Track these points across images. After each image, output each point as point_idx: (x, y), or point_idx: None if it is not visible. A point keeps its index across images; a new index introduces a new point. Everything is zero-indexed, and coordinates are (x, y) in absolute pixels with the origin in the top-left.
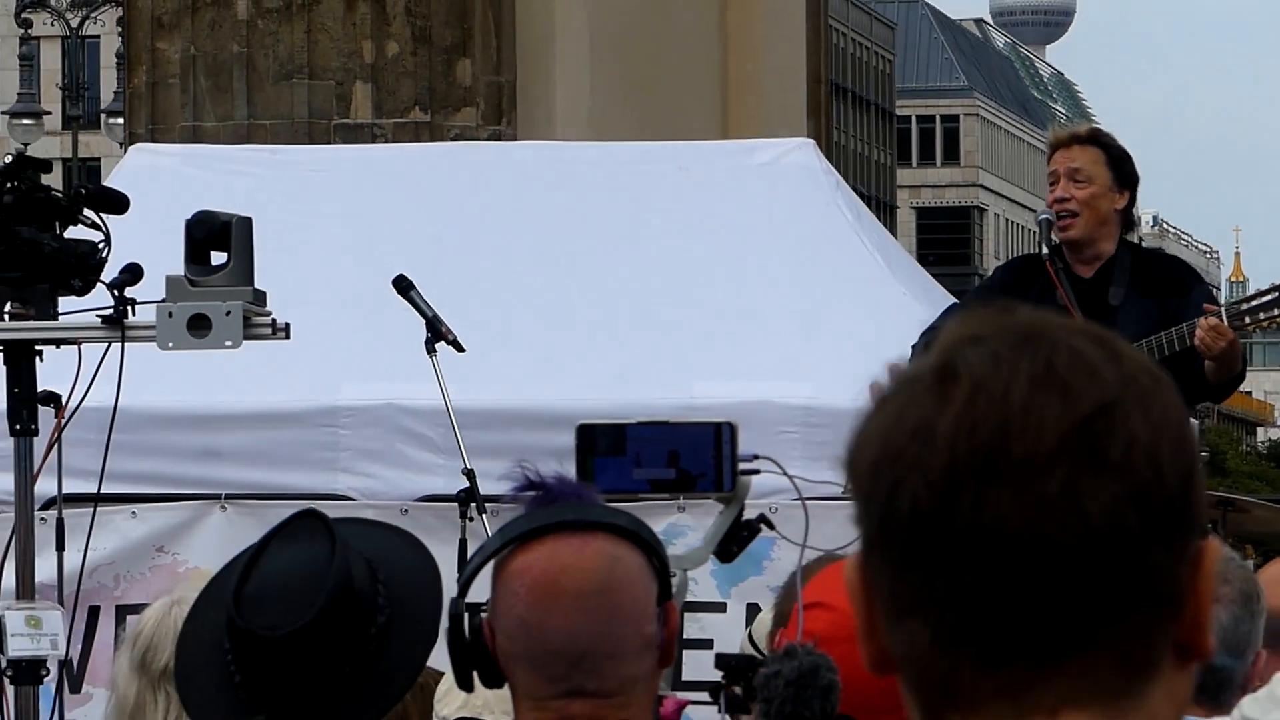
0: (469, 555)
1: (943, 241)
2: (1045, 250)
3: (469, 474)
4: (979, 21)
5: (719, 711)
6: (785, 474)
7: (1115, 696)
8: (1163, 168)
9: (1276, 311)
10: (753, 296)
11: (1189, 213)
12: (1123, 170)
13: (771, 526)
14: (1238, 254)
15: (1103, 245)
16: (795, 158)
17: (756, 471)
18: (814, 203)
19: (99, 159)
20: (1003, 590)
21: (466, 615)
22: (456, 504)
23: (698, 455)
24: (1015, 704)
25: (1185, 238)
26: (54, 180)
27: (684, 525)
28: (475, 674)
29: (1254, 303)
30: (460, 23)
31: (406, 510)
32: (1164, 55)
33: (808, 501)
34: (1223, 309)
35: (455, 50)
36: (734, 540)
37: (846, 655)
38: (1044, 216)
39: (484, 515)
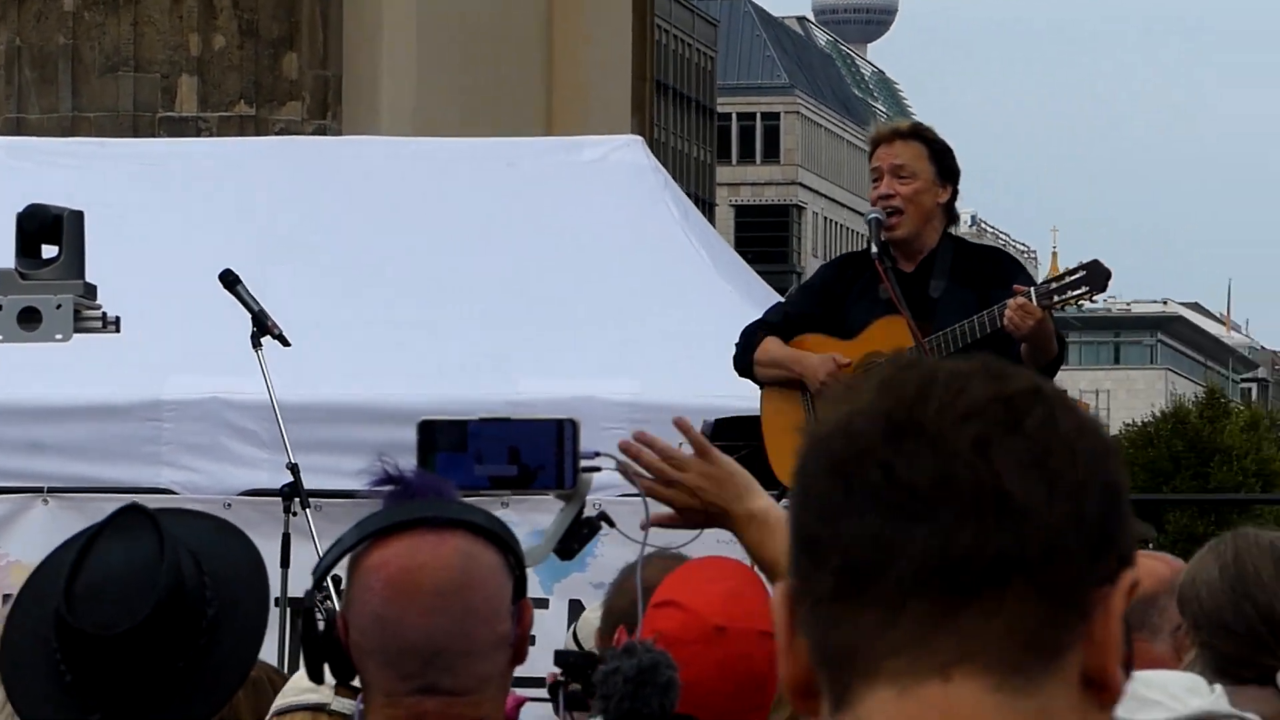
0: (327, 548)
1: (762, 239)
2: (874, 249)
3: (293, 468)
4: (801, 19)
5: (556, 710)
6: (626, 473)
7: (1011, 669)
8: (981, 168)
9: (1084, 288)
10: (579, 293)
11: (1007, 213)
12: (945, 164)
13: (612, 524)
14: (1055, 254)
15: (926, 239)
16: (623, 155)
17: (598, 469)
18: (642, 200)
19: None
20: (907, 531)
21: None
22: (280, 498)
23: (539, 452)
24: (909, 659)
25: (1003, 237)
26: None
27: (508, 521)
28: (326, 667)
29: (1063, 281)
30: (288, 16)
31: (229, 504)
32: (984, 56)
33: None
34: (1032, 289)
35: (282, 44)
36: (574, 538)
37: (696, 656)
38: (874, 216)
39: (307, 510)
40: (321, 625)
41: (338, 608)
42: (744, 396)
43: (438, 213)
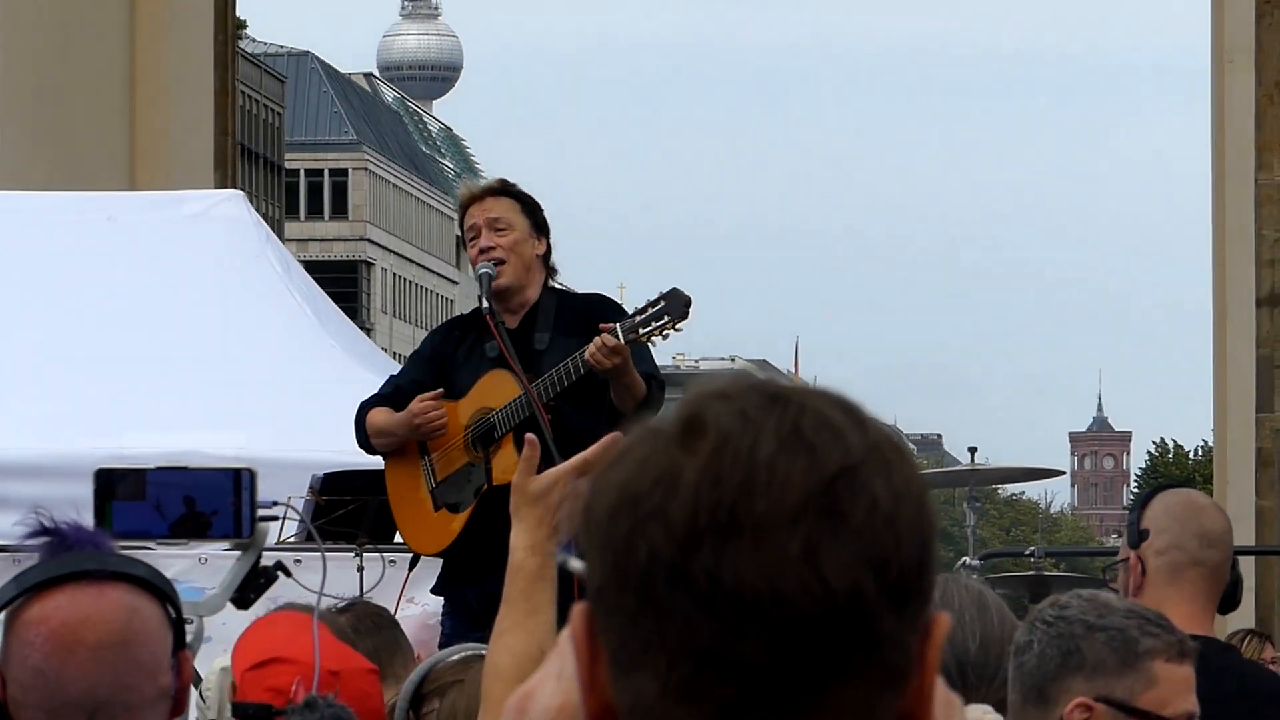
0: None
1: (331, 295)
2: (486, 304)
3: None
4: (368, 75)
5: None
6: (305, 522)
7: None
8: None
9: (667, 318)
10: (183, 346)
11: (574, 269)
12: (537, 217)
13: (288, 574)
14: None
15: (528, 292)
16: (225, 209)
17: (275, 518)
18: (244, 254)
19: None
20: (736, 645)
21: None
22: None
23: (216, 500)
24: None
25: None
26: None
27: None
28: None
29: (645, 313)
30: None
31: None
32: (546, 111)
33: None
34: (618, 326)
35: None
36: (251, 587)
37: None
38: (483, 271)
39: None
40: None
41: None
42: (349, 451)
43: (39, 267)
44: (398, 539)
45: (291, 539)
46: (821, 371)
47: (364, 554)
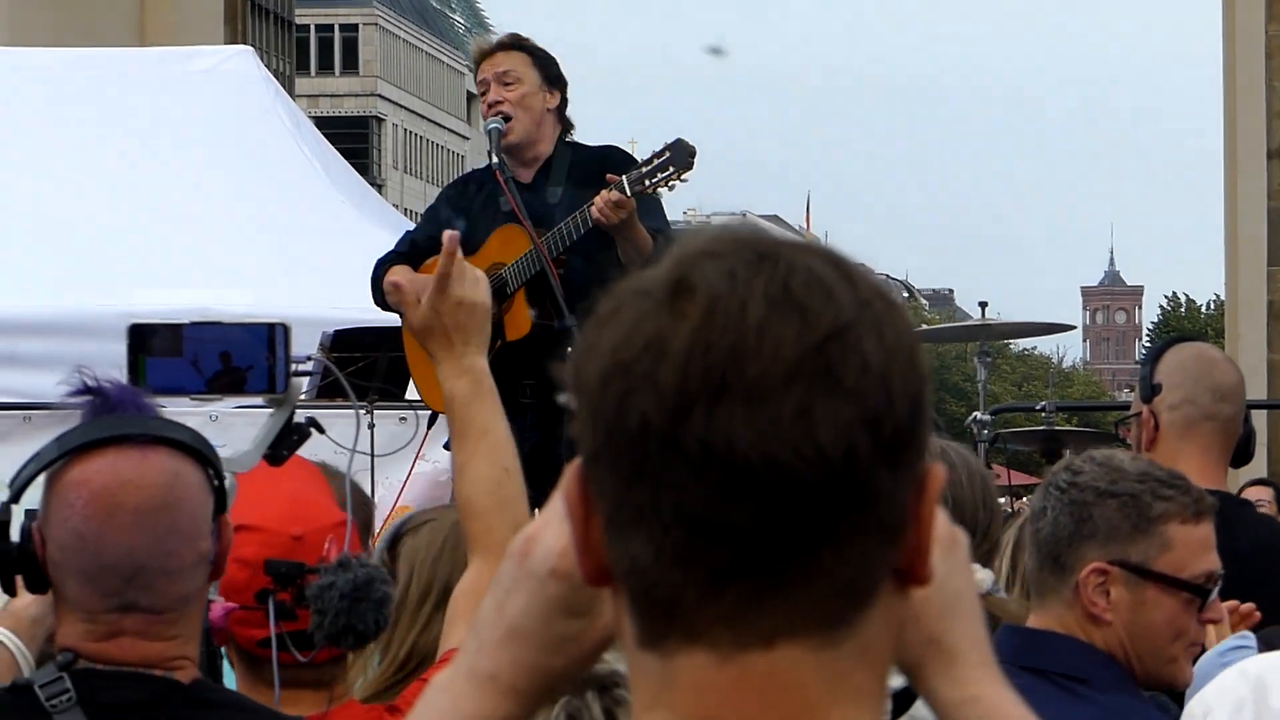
0: (23, 462)
1: (342, 151)
2: (495, 159)
3: None
4: None
5: (265, 618)
6: (340, 376)
7: (832, 625)
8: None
9: (672, 169)
10: (191, 203)
11: (586, 125)
12: (549, 71)
13: (321, 430)
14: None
15: (540, 147)
16: (234, 65)
17: (309, 373)
18: (254, 110)
19: None
20: (729, 510)
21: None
22: None
23: (251, 355)
24: (733, 631)
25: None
26: None
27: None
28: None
29: (650, 165)
30: None
31: None
32: None
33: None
34: (624, 179)
35: None
36: (284, 443)
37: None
38: (492, 125)
39: None
40: (16, 537)
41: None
42: (360, 309)
43: (45, 124)
44: (410, 395)
45: (303, 396)
46: (834, 227)
47: (375, 411)
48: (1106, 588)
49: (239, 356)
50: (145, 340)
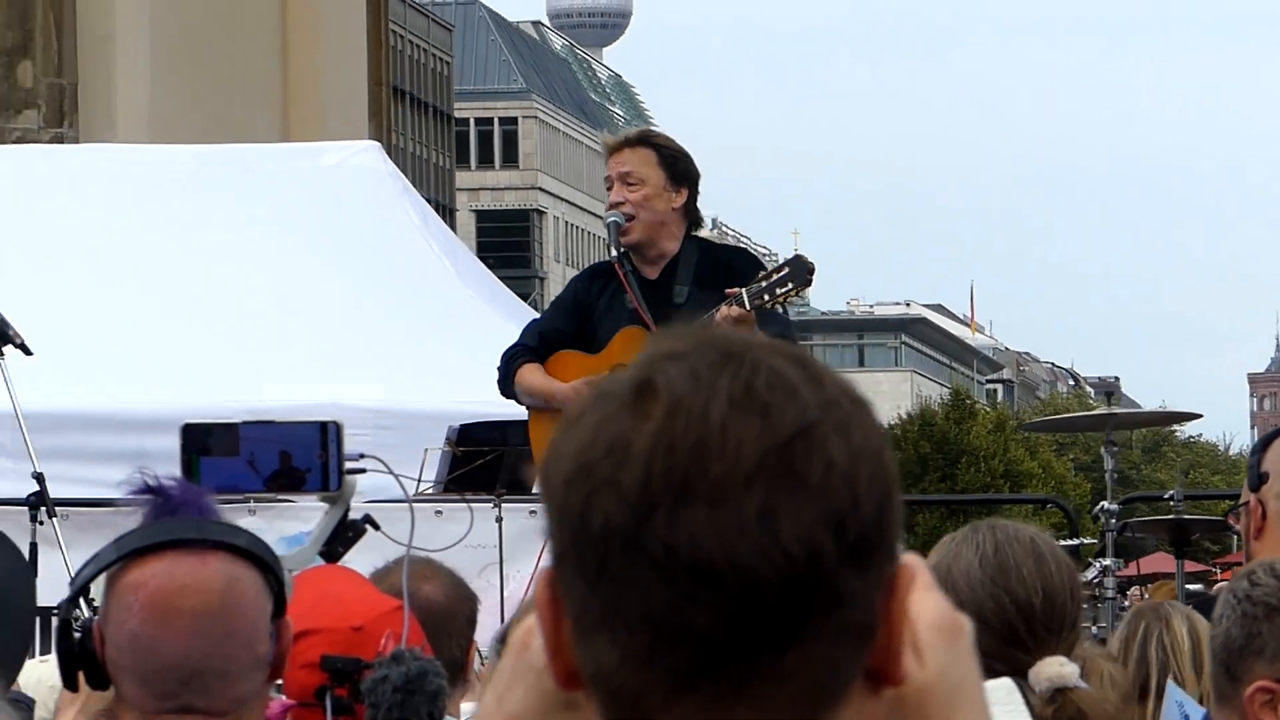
0: (84, 561)
1: (503, 244)
2: (615, 254)
3: (38, 477)
4: (536, 24)
5: (322, 715)
6: (392, 473)
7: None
8: (721, 170)
9: (790, 285)
10: (321, 299)
11: (748, 216)
12: (676, 168)
13: (377, 527)
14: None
15: (665, 245)
16: (361, 160)
17: (363, 470)
18: (381, 206)
19: None
20: (693, 612)
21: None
22: (26, 507)
23: (306, 454)
24: None
25: (745, 240)
26: None
27: (255, 529)
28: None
29: (770, 280)
30: (21, 25)
31: None
32: (720, 58)
33: (402, 504)
34: (744, 292)
35: (16, 53)
36: (340, 540)
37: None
38: (612, 219)
39: (54, 519)
40: (77, 636)
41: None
42: (488, 402)
43: (180, 219)
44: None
45: (429, 489)
46: (997, 316)
47: (502, 504)
48: (1274, 705)
49: (298, 456)
50: (201, 440)
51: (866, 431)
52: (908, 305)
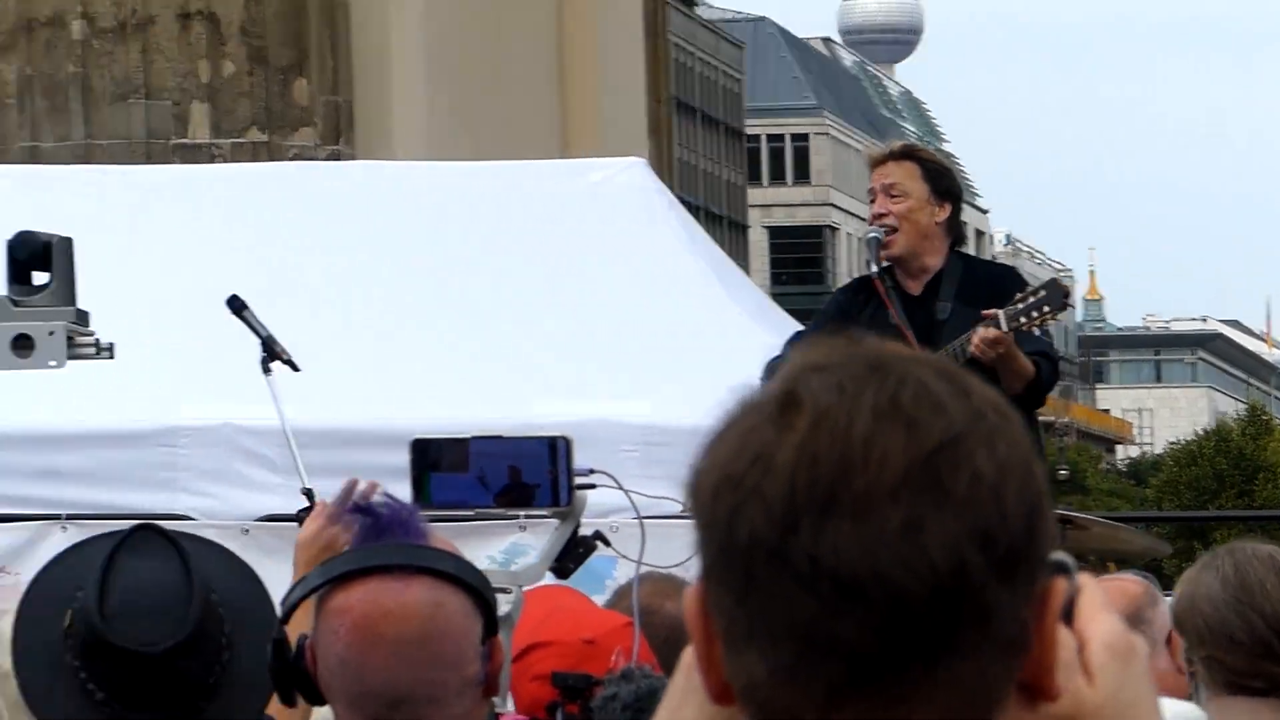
0: (291, 585)
1: (796, 261)
2: (875, 269)
3: (308, 493)
4: (827, 40)
5: None
6: (622, 489)
7: None
8: (1015, 186)
9: (1047, 309)
10: (589, 315)
11: (1043, 231)
12: (940, 183)
13: (607, 543)
14: (1092, 272)
15: (928, 259)
16: (627, 177)
17: (592, 486)
18: (647, 222)
19: None
20: (839, 625)
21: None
22: (296, 523)
23: (535, 469)
24: None
25: (1039, 256)
26: None
27: (526, 545)
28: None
29: (1026, 303)
30: (296, 43)
31: (248, 530)
32: (1014, 73)
33: (647, 520)
34: (1001, 314)
35: (292, 70)
36: (569, 556)
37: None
38: (872, 235)
39: None
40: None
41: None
42: None
43: (445, 237)
44: None
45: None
46: None
47: None
48: None
49: (527, 471)
50: (431, 456)
51: (1013, 444)
52: (1204, 321)
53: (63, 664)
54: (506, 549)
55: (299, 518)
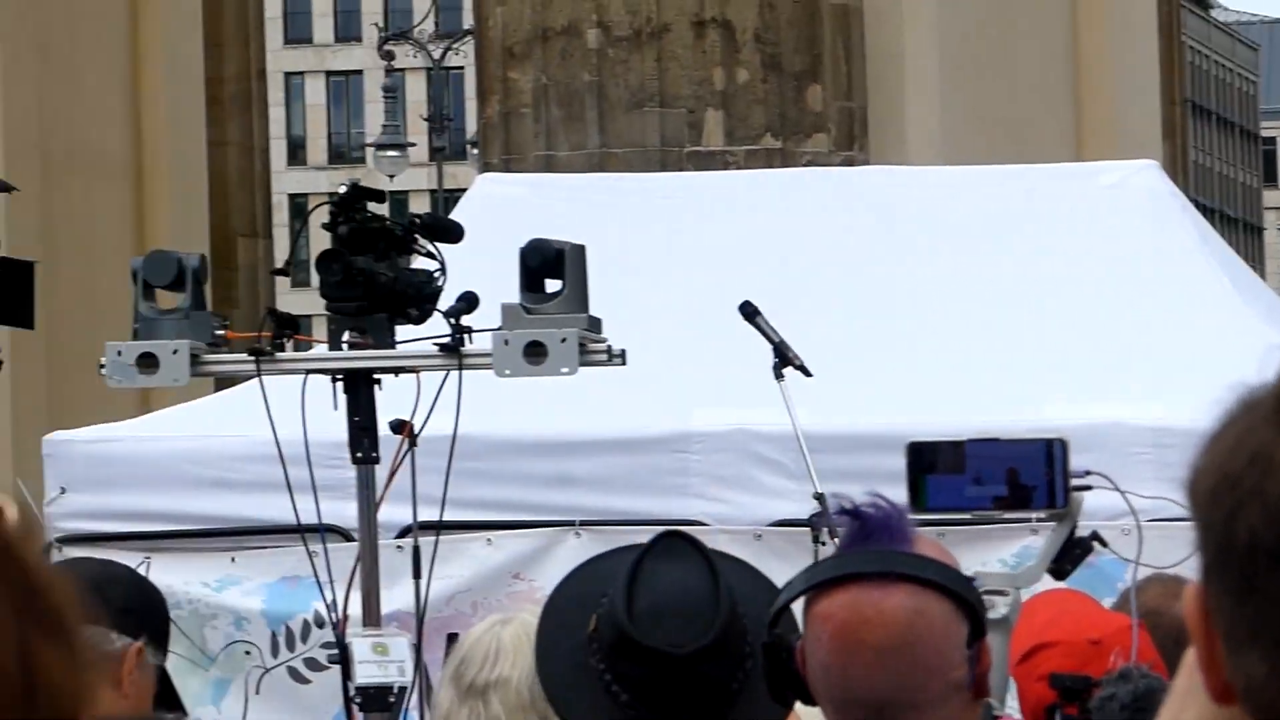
0: (779, 589)
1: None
2: None
3: (820, 498)
4: None
5: None
6: (1118, 489)
7: None
8: None
9: None
10: (1099, 318)
11: None
12: None
13: (1104, 544)
14: None
15: None
16: (1140, 180)
17: (1089, 488)
18: (1159, 225)
19: (464, 190)
20: None
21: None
22: (809, 529)
23: (1032, 472)
24: None
25: None
26: (421, 211)
27: (1037, 549)
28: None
29: None
30: (809, 49)
31: (760, 535)
32: None
33: (1152, 522)
34: None
35: (805, 76)
36: (1067, 558)
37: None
38: None
39: (836, 540)
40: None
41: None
42: None
43: (957, 241)
44: None
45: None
46: None
47: None
48: None
49: (1025, 473)
50: (927, 458)
51: None
52: None
53: (587, 666)
54: (1018, 552)
55: (811, 523)
